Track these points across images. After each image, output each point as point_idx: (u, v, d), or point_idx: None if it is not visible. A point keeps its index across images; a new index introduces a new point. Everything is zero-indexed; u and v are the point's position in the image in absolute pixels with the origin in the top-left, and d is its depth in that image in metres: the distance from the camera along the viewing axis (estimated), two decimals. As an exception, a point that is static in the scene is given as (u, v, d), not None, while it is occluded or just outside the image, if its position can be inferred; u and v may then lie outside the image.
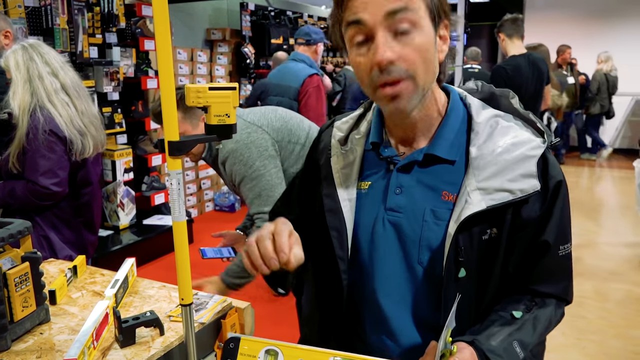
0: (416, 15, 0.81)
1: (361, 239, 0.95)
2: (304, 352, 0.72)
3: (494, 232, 0.86)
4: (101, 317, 1.09)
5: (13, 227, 1.10)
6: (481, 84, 1.03)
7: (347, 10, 0.84)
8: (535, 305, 0.90)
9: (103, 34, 3.80)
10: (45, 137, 1.86)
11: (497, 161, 0.86)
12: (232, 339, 0.75)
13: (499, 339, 0.83)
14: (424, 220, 0.89)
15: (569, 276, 0.95)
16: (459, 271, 0.86)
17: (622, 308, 3.17)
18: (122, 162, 3.95)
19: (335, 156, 0.99)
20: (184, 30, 5.74)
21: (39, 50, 1.95)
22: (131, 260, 1.44)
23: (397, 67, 0.81)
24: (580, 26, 8.28)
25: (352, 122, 1.03)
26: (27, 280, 1.11)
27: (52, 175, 1.88)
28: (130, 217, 4.11)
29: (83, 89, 2.06)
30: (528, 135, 0.89)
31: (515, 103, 0.95)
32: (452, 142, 0.92)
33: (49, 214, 1.98)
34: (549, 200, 0.88)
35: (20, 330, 1.10)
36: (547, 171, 0.88)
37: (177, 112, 1.80)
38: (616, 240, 4.45)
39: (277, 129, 2.04)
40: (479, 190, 0.85)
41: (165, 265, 3.96)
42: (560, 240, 0.90)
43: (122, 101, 4.00)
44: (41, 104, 1.88)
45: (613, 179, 6.92)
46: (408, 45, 0.81)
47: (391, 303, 0.93)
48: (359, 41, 0.84)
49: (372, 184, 0.95)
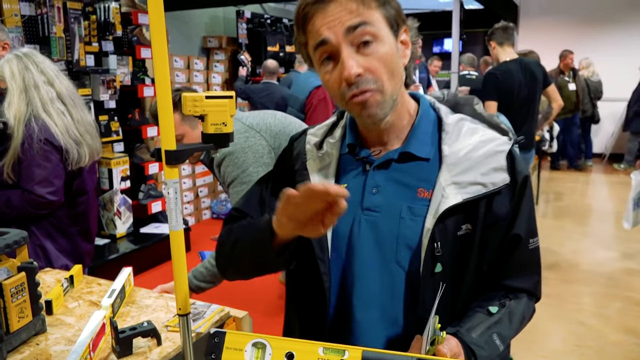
0: (375, 28, 0.86)
1: (339, 242, 0.97)
2: (292, 344, 0.71)
3: (468, 228, 0.91)
4: (98, 327, 1.09)
5: (9, 237, 1.10)
6: (447, 92, 1.09)
7: (310, 33, 0.89)
8: (509, 300, 0.94)
9: (99, 42, 3.80)
10: (41, 146, 1.85)
11: (469, 157, 0.92)
12: (216, 333, 0.73)
13: (479, 332, 0.87)
14: (400, 217, 0.93)
15: (539, 271, 1.00)
16: (435, 266, 0.89)
17: (620, 314, 3.17)
18: (119, 170, 3.94)
19: (312, 160, 1.02)
20: (180, 38, 5.75)
21: (33, 59, 1.94)
22: (128, 270, 1.43)
23: (364, 79, 0.87)
24: (574, 32, 8.33)
25: (326, 129, 1.06)
26: (23, 291, 1.10)
27: (47, 184, 1.88)
28: (127, 226, 4.10)
29: (78, 97, 2.06)
30: (494, 134, 0.96)
31: (479, 109, 1.02)
32: (425, 142, 0.96)
33: (45, 223, 1.97)
34: (517, 194, 0.93)
35: (16, 341, 1.09)
36: (515, 166, 0.94)
37: (175, 114, 1.78)
38: (613, 246, 4.45)
39: (275, 134, 2.04)
40: (453, 185, 0.90)
41: (163, 274, 3.94)
42: (529, 233, 0.95)
43: (118, 109, 4.00)
44: (36, 114, 1.87)
45: (609, 184, 6.94)
46: (371, 56, 0.86)
47: (362, 305, 0.94)
48: (325, 59, 0.89)
49: (348, 185, 0.97)
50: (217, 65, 5.97)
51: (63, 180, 1.93)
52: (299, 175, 1.01)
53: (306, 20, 0.88)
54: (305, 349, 0.71)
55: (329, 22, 0.85)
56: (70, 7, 3.49)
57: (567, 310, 3.21)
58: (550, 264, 3.84)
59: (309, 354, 0.70)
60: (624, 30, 8.11)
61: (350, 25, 0.84)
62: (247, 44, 6.21)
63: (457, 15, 4.16)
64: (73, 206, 2.02)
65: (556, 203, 5.96)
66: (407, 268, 0.92)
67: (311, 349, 0.71)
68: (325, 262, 0.95)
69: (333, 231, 0.97)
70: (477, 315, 0.90)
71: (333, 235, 0.97)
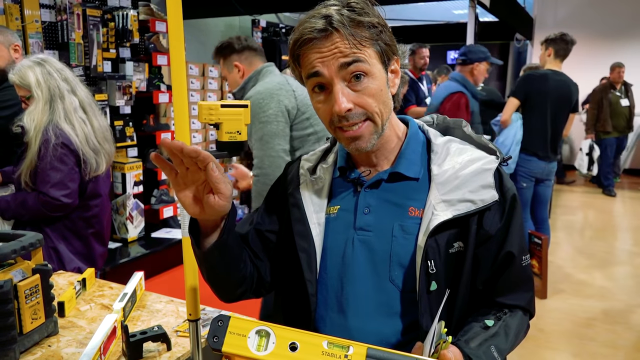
0: (368, 65, 0.89)
1: (330, 261, 0.98)
2: (297, 335, 0.71)
3: (460, 246, 0.92)
4: (109, 330, 1.10)
5: (25, 240, 1.12)
6: (436, 116, 1.11)
7: (304, 65, 0.91)
8: (504, 314, 0.95)
9: (117, 48, 3.86)
10: (57, 149, 1.88)
11: (457, 176, 0.94)
12: (220, 317, 0.73)
13: (477, 343, 0.88)
14: (393, 236, 0.94)
15: (532, 287, 1.01)
16: (430, 284, 0.90)
17: (632, 332, 3.13)
18: (132, 175, 3.98)
19: (304, 183, 1.04)
20: (196, 45, 5.81)
21: (54, 65, 1.97)
22: (140, 274, 1.45)
23: (354, 113, 0.90)
24: (590, 46, 8.27)
25: (320, 155, 1.10)
26: (37, 293, 1.11)
27: (62, 187, 1.90)
28: (138, 230, 4.13)
29: (94, 102, 2.10)
30: (482, 153, 0.98)
31: (467, 130, 1.05)
32: (414, 162, 0.99)
33: (59, 226, 1.99)
34: (507, 211, 0.95)
35: (28, 343, 1.10)
36: (503, 184, 0.96)
37: (218, 57, 2.31)
38: (627, 261, 4.40)
39: (306, 104, 2.22)
40: (443, 203, 0.92)
41: (173, 278, 3.96)
42: (521, 251, 0.96)
43: (133, 115, 4.05)
44: (56, 122, 1.90)
45: (624, 199, 6.85)
46: (363, 92, 0.90)
47: (359, 322, 0.95)
48: (317, 86, 0.92)
49: (341, 207, 1.00)
50: (232, 73, 6.01)
51: (78, 183, 1.96)
52: (292, 197, 1.03)
53: (300, 51, 0.91)
54: (310, 340, 0.70)
55: (323, 58, 0.88)
56: (90, 14, 3.56)
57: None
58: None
59: (312, 346, 0.70)
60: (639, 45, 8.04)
61: (343, 62, 0.87)
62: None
63: (472, 28, 4.16)
64: (87, 209, 2.05)
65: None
66: (400, 286, 0.93)
67: (315, 341, 0.70)
68: (313, 283, 0.96)
69: (327, 252, 0.98)
70: (473, 328, 0.91)
71: (328, 256, 0.98)
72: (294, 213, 1.01)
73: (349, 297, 0.95)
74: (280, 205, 1.07)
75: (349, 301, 0.95)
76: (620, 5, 8.10)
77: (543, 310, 3.35)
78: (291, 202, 1.03)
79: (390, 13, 8.71)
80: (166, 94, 4.24)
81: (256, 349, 0.70)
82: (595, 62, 8.14)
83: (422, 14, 9.03)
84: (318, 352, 0.69)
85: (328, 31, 0.86)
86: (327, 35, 0.87)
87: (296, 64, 0.94)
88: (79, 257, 2.06)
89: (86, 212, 2.05)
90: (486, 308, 0.97)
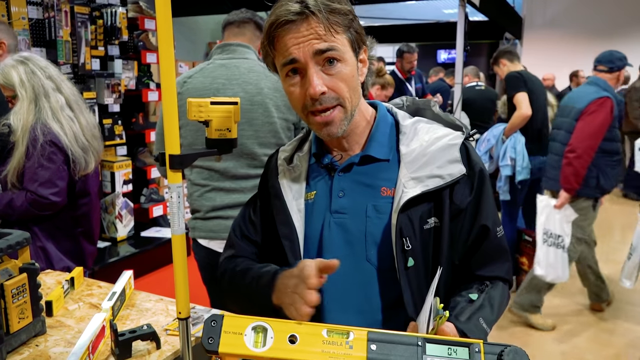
0: (340, 52, 0.93)
1: (311, 246, 1.02)
2: (295, 326, 0.70)
3: (435, 221, 0.95)
4: (98, 329, 1.09)
5: (12, 238, 1.10)
6: (406, 99, 1.15)
7: (279, 50, 0.94)
8: (486, 287, 0.99)
9: (105, 46, 3.82)
10: (45, 147, 1.86)
11: (425, 153, 0.98)
12: (213, 317, 0.71)
13: (466, 317, 0.91)
14: (367, 216, 0.98)
15: (509, 257, 1.05)
16: (407, 261, 0.93)
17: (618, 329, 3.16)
18: (122, 173, 3.95)
19: (282, 173, 1.07)
20: (186, 43, 5.79)
21: (37, 64, 1.95)
22: (129, 273, 1.44)
23: (327, 96, 0.94)
24: (578, 45, 8.35)
25: (296, 144, 1.13)
26: (24, 292, 1.10)
27: (51, 185, 1.88)
28: (128, 229, 4.10)
29: (82, 100, 2.07)
30: (448, 130, 1.02)
31: (435, 109, 1.10)
32: (383, 144, 1.03)
33: (48, 225, 1.97)
34: (477, 184, 0.99)
35: (15, 342, 1.09)
36: (471, 158, 1.00)
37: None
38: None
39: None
40: (412, 180, 0.96)
41: (162, 277, 3.94)
42: (495, 222, 1.00)
43: (122, 113, 4.01)
44: (44, 121, 1.88)
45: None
46: (335, 77, 0.94)
47: (337, 304, 0.98)
48: (290, 71, 0.95)
49: (317, 192, 1.04)
50: (222, 71, 5.99)
51: (66, 181, 1.94)
52: (272, 188, 1.07)
53: (276, 38, 0.93)
54: (309, 331, 0.69)
55: (299, 43, 0.91)
56: (78, 11, 3.52)
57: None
58: None
59: (313, 336, 0.68)
60: (628, 45, 8.12)
61: (318, 49, 0.91)
62: (252, 51, 6.24)
63: (461, 27, 4.18)
64: (76, 208, 2.03)
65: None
66: (377, 264, 0.97)
67: (315, 330, 0.69)
68: None
69: (308, 236, 1.02)
70: (460, 304, 0.94)
71: (309, 240, 1.01)
72: (275, 204, 1.04)
73: (329, 277, 0.96)
74: (265, 198, 1.11)
75: (329, 282, 0.96)
76: (608, 5, 8.19)
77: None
78: (272, 193, 1.06)
79: (381, 12, 8.72)
80: (155, 92, 4.21)
81: (254, 346, 0.68)
82: (582, 60, 8.21)
83: (412, 13, 9.07)
84: (319, 342, 0.68)
85: (304, 14, 0.90)
86: (304, 19, 0.90)
87: (270, 47, 0.96)
88: (68, 256, 2.04)
89: (75, 211, 2.03)
90: (467, 283, 1.00)
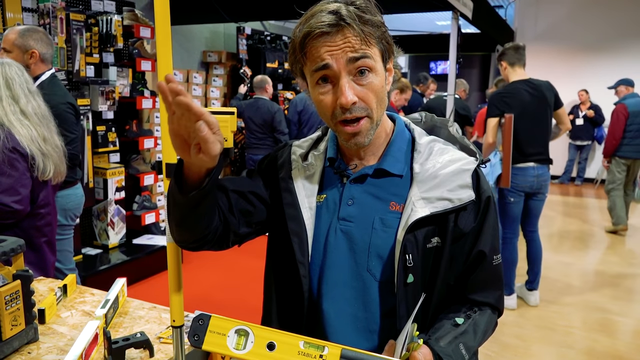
0: (373, 61, 0.92)
1: (315, 247, 1.02)
2: (275, 334, 0.73)
3: (438, 241, 0.96)
4: (91, 337, 1.09)
5: (6, 245, 1.11)
6: (425, 114, 1.15)
7: (311, 56, 0.92)
8: (474, 313, 1.00)
9: (100, 53, 3.83)
10: (7, 154, 1.81)
11: (437, 175, 0.98)
12: (201, 316, 0.75)
13: (447, 341, 0.91)
14: (373, 228, 0.98)
15: (502, 286, 1.05)
16: (407, 277, 0.94)
17: (610, 339, 3.18)
18: (114, 180, 3.94)
19: (297, 169, 1.07)
20: (180, 52, 5.80)
21: (6, 72, 1.92)
22: (122, 281, 1.44)
23: (357, 106, 0.93)
24: (569, 59, 8.47)
25: (311, 142, 1.12)
26: (17, 299, 1.10)
27: (13, 192, 1.82)
28: (120, 236, 4.09)
29: (48, 119, 2.00)
30: (462, 154, 1.03)
31: (452, 130, 1.10)
32: (399, 159, 1.03)
33: (10, 235, 1.91)
34: (482, 211, 0.99)
35: (8, 350, 1.09)
36: (480, 185, 1.00)
37: None
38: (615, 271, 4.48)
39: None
40: (422, 200, 0.96)
41: (154, 285, 3.92)
42: (493, 250, 1.01)
43: (116, 120, 4.02)
44: (7, 128, 1.85)
45: (594, 209, 6.98)
46: (366, 87, 0.93)
47: (334, 309, 0.99)
48: (321, 80, 0.93)
49: (327, 197, 1.04)
50: (216, 79, 6.01)
51: (29, 189, 1.88)
52: (283, 182, 1.06)
53: (309, 45, 0.91)
54: (287, 340, 0.73)
55: (333, 51, 0.90)
56: (73, 18, 3.53)
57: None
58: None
59: (289, 346, 0.72)
60: (618, 58, 8.25)
61: (352, 57, 0.90)
62: (247, 60, 6.27)
63: (454, 39, 4.23)
64: (39, 217, 1.98)
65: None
66: (378, 277, 0.97)
67: (292, 341, 0.73)
68: (305, 265, 1.00)
69: (313, 238, 1.02)
70: (444, 326, 0.95)
71: (314, 242, 1.02)
72: (286, 197, 1.03)
73: (328, 281, 0.99)
74: (270, 184, 1.08)
75: (328, 286, 0.99)
76: (598, 19, 8.31)
77: (524, 319, 3.40)
78: (282, 186, 1.05)
79: (375, 23, 8.77)
80: (149, 100, 4.22)
81: (235, 348, 0.73)
82: (573, 74, 8.34)
83: (406, 24, 9.15)
84: (294, 352, 0.72)
85: (339, 26, 0.89)
86: (339, 30, 0.89)
87: (301, 54, 0.94)
88: (33, 268, 1.92)
89: (38, 221, 1.97)
90: (458, 305, 1.01)
